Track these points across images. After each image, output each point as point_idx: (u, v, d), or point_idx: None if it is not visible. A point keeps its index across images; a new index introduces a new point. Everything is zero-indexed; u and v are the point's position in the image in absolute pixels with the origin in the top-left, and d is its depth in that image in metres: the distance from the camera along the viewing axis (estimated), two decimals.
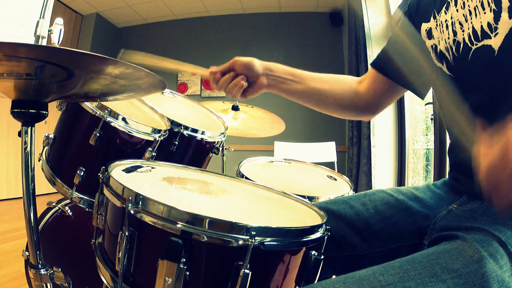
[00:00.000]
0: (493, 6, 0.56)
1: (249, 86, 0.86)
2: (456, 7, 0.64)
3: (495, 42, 0.56)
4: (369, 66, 0.90)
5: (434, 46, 0.71)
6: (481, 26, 0.59)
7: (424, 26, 0.74)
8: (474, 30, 0.60)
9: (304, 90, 0.88)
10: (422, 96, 0.85)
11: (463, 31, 0.62)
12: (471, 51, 0.61)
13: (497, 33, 0.56)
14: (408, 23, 0.80)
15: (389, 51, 0.85)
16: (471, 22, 0.61)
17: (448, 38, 0.66)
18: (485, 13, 0.58)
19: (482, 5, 0.59)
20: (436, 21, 0.70)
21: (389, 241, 0.70)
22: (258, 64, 0.85)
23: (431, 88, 0.83)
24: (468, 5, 0.61)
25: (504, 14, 0.54)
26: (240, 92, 0.84)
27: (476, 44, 0.60)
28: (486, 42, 0.58)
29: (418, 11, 0.77)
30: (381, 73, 0.85)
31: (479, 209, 0.60)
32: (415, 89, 0.83)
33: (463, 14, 0.62)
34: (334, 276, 0.76)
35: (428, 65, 0.74)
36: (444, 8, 0.68)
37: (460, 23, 0.63)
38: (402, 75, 0.83)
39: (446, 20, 0.67)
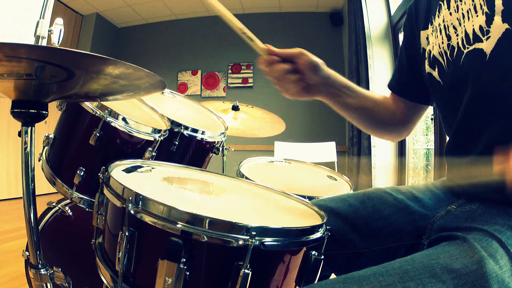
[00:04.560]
0: (485, 9, 0.56)
1: (303, 88, 0.75)
2: (449, 10, 0.64)
3: (487, 45, 0.56)
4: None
5: (429, 51, 0.71)
6: (473, 29, 0.58)
7: (424, 34, 0.73)
8: (466, 34, 0.60)
9: (356, 105, 0.81)
10: None
11: (457, 35, 0.62)
12: (463, 55, 0.61)
13: (489, 36, 0.55)
14: (409, 36, 0.80)
15: (401, 71, 0.84)
16: (464, 26, 0.60)
17: (442, 42, 0.66)
18: (477, 16, 0.57)
19: (474, 8, 0.58)
20: (433, 27, 0.70)
21: (388, 239, 0.70)
22: (324, 69, 0.75)
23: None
24: (462, 8, 0.61)
25: (497, 18, 0.54)
26: (294, 92, 0.74)
27: (467, 48, 0.59)
28: (477, 45, 0.58)
29: (417, 20, 0.77)
30: (400, 96, 0.84)
31: (478, 210, 0.60)
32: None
33: (457, 18, 0.62)
34: (333, 274, 0.77)
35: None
36: (437, 12, 0.68)
37: (454, 27, 0.63)
38: (419, 94, 0.81)
39: (439, 24, 0.67)
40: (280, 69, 0.71)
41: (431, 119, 2.66)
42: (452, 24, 0.63)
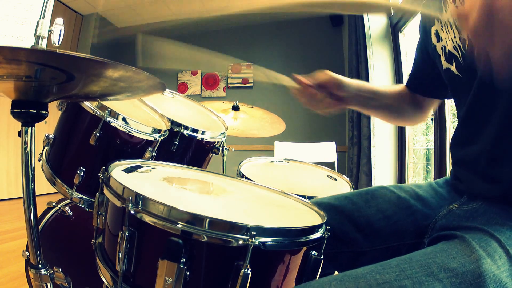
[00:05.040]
0: None
1: (333, 102, 0.86)
2: (454, 3, 0.64)
3: None
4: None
5: (443, 47, 0.71)
6: None
7: (433, 30, 0.74)
8: None
9: (379, 107, 0.92)
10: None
11: None
12: None
13: None
14: (422, 34, 0.81)
15: (415, 69, 0.88)
16: None
17: (455, 37, 0.66)
18: None
19: None
20: (440, 22, 0.70)
21: (390, 239, 0.70)
22: (350, 84, 0.85)
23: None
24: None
25: None
26: (323, 107, 0.85)
27: None
28: None
29: (428, 17, 0.77)
30: (415, 92, 0.89)
31: (480, 209, 0.60)
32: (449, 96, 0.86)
33: None
34: (336, 273, 0.77)
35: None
36: (443, 6, 0.68)
37: None
38: (431, 89, 0.86)
39: (448, 19, 0.67)
40: (309, 94, 0.85)
41: (431, 119, 2.66)
42: None
